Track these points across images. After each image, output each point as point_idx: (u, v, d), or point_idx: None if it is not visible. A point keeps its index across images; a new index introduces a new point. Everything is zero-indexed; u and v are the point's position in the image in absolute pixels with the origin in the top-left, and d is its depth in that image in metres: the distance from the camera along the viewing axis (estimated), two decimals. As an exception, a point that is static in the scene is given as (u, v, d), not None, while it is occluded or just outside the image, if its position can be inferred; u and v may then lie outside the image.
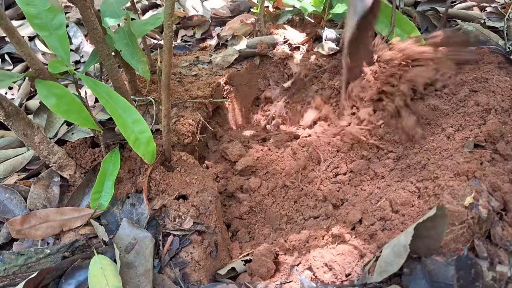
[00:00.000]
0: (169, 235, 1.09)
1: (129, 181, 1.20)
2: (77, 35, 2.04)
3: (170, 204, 1.15)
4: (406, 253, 0.82)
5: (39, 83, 0.97)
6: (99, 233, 1.08)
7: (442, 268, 0.84)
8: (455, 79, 1.35)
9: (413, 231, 0.82)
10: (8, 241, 1.10)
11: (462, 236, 0.90)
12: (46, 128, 1.38)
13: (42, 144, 1.10)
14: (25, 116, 1.06)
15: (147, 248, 1.03)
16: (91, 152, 1.23)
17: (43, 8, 1.03)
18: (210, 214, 1.16)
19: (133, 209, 1.15)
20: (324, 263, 1.01)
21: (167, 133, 1.16)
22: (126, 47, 1.18)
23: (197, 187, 1.20)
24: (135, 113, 1.06)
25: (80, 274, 0.98)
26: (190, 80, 1.67)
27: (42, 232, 1.08)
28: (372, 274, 0.89)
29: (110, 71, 1.15)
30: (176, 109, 1.52)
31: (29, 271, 0.97)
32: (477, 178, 0.96)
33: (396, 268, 0.84)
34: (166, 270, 1.03)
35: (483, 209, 0.90)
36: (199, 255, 1.07)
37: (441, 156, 1.15)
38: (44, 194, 1.17)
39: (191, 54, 1.88)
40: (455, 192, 0.95)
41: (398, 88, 1.37)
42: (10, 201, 1.15)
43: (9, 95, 1.69)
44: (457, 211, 0.91)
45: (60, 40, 1.03)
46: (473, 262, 0.81)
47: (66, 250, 1.03)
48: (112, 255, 1.01)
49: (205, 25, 2.23)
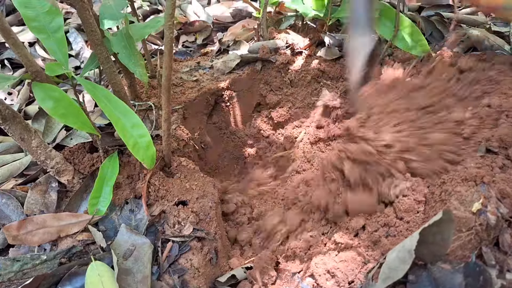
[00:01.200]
0: (168, 241, 1.07)
1: (128, 187, 1.18)
2: (78, 41, 2.03)
3: (169, 210, 1.13)
4: (411, 259, 0.79)
5: (36, 86, 0.95)
6: (96, 239, 1.06)
7: (449, 276, 0.81)
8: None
9: (418, 236, 0.79)
10: (4, 247, 1.08)
11: (469, 243, 0.87)
12: (45, 133, 1.36)
13: (40, 148, 1.08)
14: (22, 120, 1.04)
15: (145, 255, 1.01)
16: (89, 157, 1.21)
17: (41, 11, 1.02)
18: (210, 221, 1.14)
19: (131, 215, 1.13)
20: (326, 270, 0.98)
21: (167, 137, 1.14)
22: (124, 50, 1.16)
23: (197, 193, 1.18)
24: (135, 117, 1.05)
25: (77, 280, 0.95)
26: (191, 86, 1.66)
27: (39, 238, 1.05)
28: (376, 281, 0.87)
29: (109, 75, 1.14)
30: (176, 114, 1.50)
31: (24, 278, 0.95)
32: (486, 184, 0.94)
33: (401, 274, 0.81)
34: (165, 277, 1.01)
35: (492, 215, 0.87)
36: (198, 261, 1.04)
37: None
38: (41, 199, 1.15)
39: (192, 60, 1.87)
40: (462, 198, 0.93)
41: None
42: (7, 207, 1.13)
43: (8, 101, 1.68)
44: (465, 217, 0.88)
45: (58, 43, 1.02)
46: (482, 269, 0.78)
47: (63, 256, 1.01)
48: (109, 261, 0.99)
49: (207, 30, 2.22)
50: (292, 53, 1.75)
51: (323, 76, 1.69)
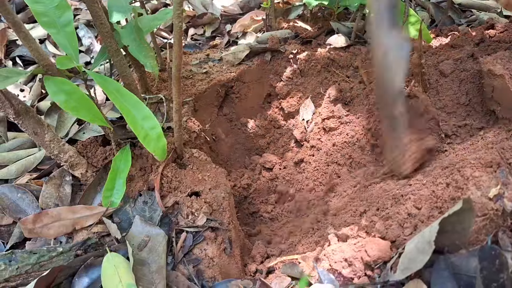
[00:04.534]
0: (182, 232, 1.08)
1: (141, 179, 1.18)
2: (87, 36, 2.04)
3: (182, 201, 1.13)
4: (430, 250, 0.78)
5: (48, 80, 0.96)
6: (111, 231, 1.07)
7: (464, 260, 0.80)
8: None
9: (437, 227, 0.78)
10: (21, 241, 1.09)
11: (484, 228, 0.86)
12: (57, 127, 1.37)
13: (53, 142, 1.09)
14: (35, 114, 1.05)
15: (160, 245, 1.02)
16: (102, 150, 1.21)
17: (51, 6, 1.02)
18: (223, 211, 1.14)
19: (145, 206, 1.14)
20: (343, 258, 0.97)
21: (179, 128, 1.14)
22: (134, 42, 1.17)
23: (210, 184, 1.18)
24: (145, 109, 1.05)
25: (93, 272, 0.96)
26: (201, 78, 1.66)
27: (55, 231, 1.07)
28: (394, 271, 0.86)
29: (119, 67, 1.14)
30: (187, 107, 1.50)
31: (41, 270, 0.95)
32: (504, 170, 0.92)
33: (420, 265, 0.80)
34: (179, 267, 1.01)
35: (509, 201, 0.86)
36: (212, 251, 1.04)
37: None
38: (56, 193, 1.16)
39: (202, 52, 1.87)
40: (480, 183, 0.92)
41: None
42: (22, 201, 1.15)
43: (20, 97, 1.69)
44: (481, 203, 0.87)
45: (68, 37, 1.02)
46: (498, 253, 0.77)
47: (79, 248, 1.02)
48: (125, 252, 1.00)
49: (215, 23, 2.22)
50: (301, 42, 1.74)
51: (333, 64, 1.67)
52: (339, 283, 0.92)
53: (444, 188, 1.00)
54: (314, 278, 0.96)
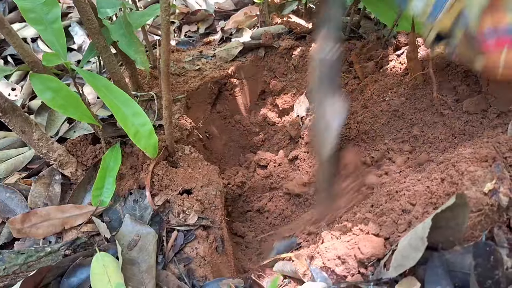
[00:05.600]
0: (173, 230, 1.06)
1: (131, 177, 1.17)
2: (80, 35, 2.02)
3: (174, 199, 1.12)
4: (423, 247, 0.76)
5: (33, 77, 0.94)
6: (101, 230, 1.05)
7: (459, 257, 0.78)
8: None
9: (430, 223, 0.77)
10: (10, 241, 1.07)
11: (479, 224, 0.85)
12: (47, 126, 1.35)
13: (41, 141, 1.07)
14: (22, 112, 1.03)
15: (150, 244, 1.00)
16: (92, 148, 1.20)
17: (38, 2, 1.00)
18: (215, 209, 1.12)
19: (136, 205, 1.12)
20: (337, 256, 0.96)
21: (169, 125, 1.12)
22: (123, 38, 1.15)
23: (202, 182, 1.17)
24: (135, 106, 1.03)
25: (82, 272, 0.95)
26: (194, 75, 1.64)
27: (43, 230, 1.05)
28: (387, 268, 0.85)
29: (108, 64, 1.12)
30: (179, 104, 1.48)
31: (29, 270, 0.94)
32: (500, 165, 0.91)
33: (413, 262, 0.78)
34: (170, 266, 1.00)
35: (504, 196, 0.84)
36: (204, 250, 1.03)
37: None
38: (45, 192, 1.14)
39: (195, 49, 1.85)
40: (475, 178, 0.90)
41: None
42: (11, 200, 1.13)
43: (12, 96, 1.67)
44: (475, 198, 0.85)
45: (56, 34, 1.01)
46: (492, 249, 0.75)
47: (67, 248, 1.00)
48: (114, 252, 0.98)
49: (209, 19, 2.20)
50: (295, 38, 1.73)
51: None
52: (332, 281, 0.90)
53: (439, 183, 0.98)
54: (307, 277, 0.94)
